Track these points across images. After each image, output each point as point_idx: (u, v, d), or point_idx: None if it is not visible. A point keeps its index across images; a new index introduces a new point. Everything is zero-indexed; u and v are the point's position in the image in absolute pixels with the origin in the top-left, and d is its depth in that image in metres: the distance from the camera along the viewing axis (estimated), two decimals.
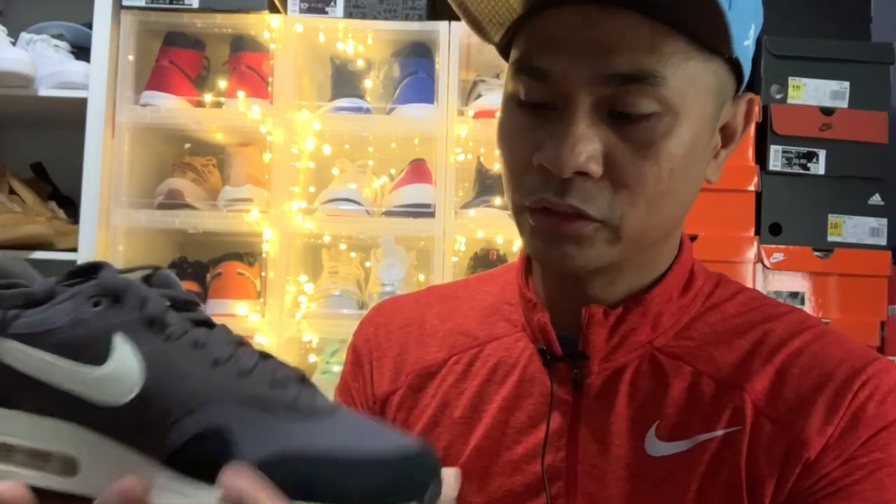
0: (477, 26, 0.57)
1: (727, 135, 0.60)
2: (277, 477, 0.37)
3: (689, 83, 0.53)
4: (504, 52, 0.60)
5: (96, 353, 0.39)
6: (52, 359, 0.39)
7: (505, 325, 0.66)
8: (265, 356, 0.42)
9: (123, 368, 0.39)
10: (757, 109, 0.62)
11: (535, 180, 0.55)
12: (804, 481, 0.54)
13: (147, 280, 0.44)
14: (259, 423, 0.38)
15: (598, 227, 0.54)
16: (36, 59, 1.67)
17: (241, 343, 0.43)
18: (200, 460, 0.38)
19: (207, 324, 0.43)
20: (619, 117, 0.52)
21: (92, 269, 0.43)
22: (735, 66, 0.56)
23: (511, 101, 0.57)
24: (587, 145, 0.52)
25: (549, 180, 0.53)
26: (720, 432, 0.56)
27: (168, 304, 0.42)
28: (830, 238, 1.73)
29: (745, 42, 0.55)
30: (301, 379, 0.42)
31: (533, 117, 0.55)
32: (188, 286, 1.33)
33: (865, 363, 0.56)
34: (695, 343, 0.60)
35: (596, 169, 0.52)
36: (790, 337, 0.59)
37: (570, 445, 0.59)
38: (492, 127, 1.64)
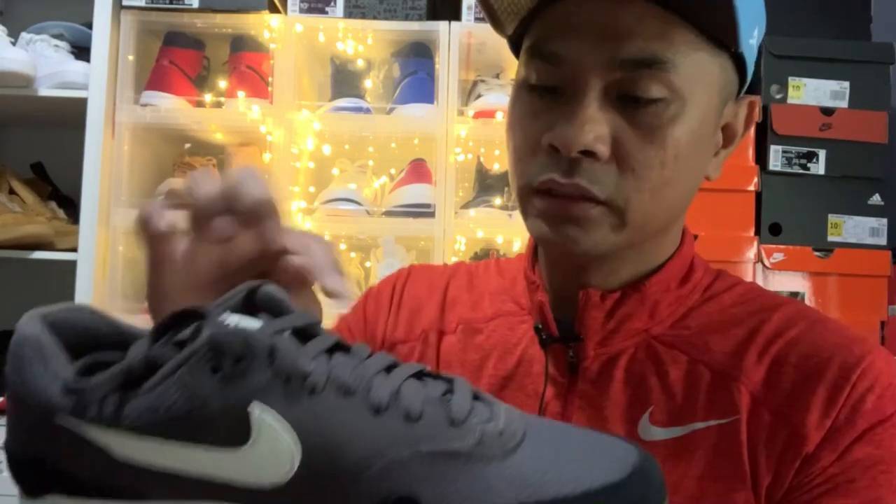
0: (493, 17, 0.58)
1: (728, 135, 0.61)
2: None
3: (697, 73, 0.54)
4: (516, 44, 0.61)
5: (234, 432, 0.31)
6: (181, 448, 0.32)
7: (512, 306, 0.67)
8: (420, 375, 0.35)
9: (273, 444, 0.31)
10: (757, 112, 0.63)
11: (543, 161, 0.56)
12: (802, 475, 0.54)
13: (250, 301, 0.36)
14: (454, 483, 0.31)
15: (603, 210, 0.55)
16: (36, 59, 1.67)
17: (391, 366, 0.35)
18: None
19: (340, 347, 0.35)
20: (627, 101, 0.54)
21: (188, 316, 0.34)
22: (739, 64, 0.58)
23: (522, 87, 0.58)
24: (596, 126, 0.53)
25: (558, 160, 0.55)
26: (714, 422, 0.56)
27: (294, 340, 0.34)
28: (830, 238, 1.73)
29: (750, 40, 0.56)
30: (474, 395, 0.35)
31: (543, 102, 0.56)
32: None
33: (864, 352, 0.56)
34: (691, 332, 0.60)
35: (603, 150, 0.53)
36: (786, 327, 0.59)
37: None
38: (492, 127, 1.66)
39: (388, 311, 0.73)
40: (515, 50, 0.62)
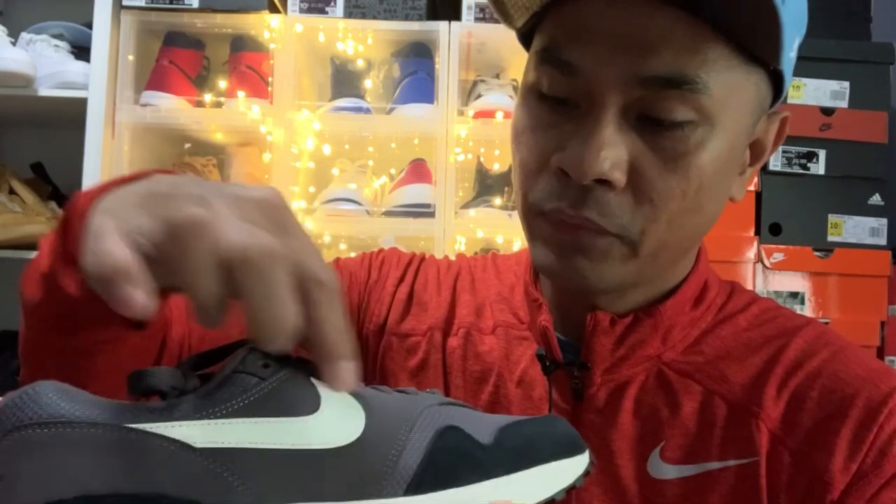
0: (500, 7, 0.52)
1: (756, 152, 0.56)
2: (509, 445, 0.39)
3: (730, 93, 0.48)
4: (526, 38, 0.56)
5: (304, 402, 0.35)
6: (262, 422, 0.34)
7: (510, 317, 0.63)
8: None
9: (341, 404, 0.37)
10: (787, 127, 0.57)
11: (551, 184, 0.51)
12: None
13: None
14: (467, 416, 0.40)
15: (612, 241, 0.50)
16: (36, 59, 1.67)
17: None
18: (447, 464, 0.37)
19: None
20: (649, 123, 0.48)
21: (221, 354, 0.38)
22: (776, 79, 0.52)
23: (531, 93, 0.53)
24: (612, 151, 0.48)
25: (567, 187, 0.50)
26: (733, 462, 0.53)
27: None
28: (830, 238, 1.73)
29: (790, 53, 0.50)
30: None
31: (554, 113, 0.51)
32: None
33: (891, 388, 0.52)
34: (705, 359, 0.56)
35: (619, 178, 0.48)
36: (807, 356, 0.55)
37: None
38: (492, 127, 1.66)
39: (392, 294, 0.67)
40: (526, 44, 0.56)
